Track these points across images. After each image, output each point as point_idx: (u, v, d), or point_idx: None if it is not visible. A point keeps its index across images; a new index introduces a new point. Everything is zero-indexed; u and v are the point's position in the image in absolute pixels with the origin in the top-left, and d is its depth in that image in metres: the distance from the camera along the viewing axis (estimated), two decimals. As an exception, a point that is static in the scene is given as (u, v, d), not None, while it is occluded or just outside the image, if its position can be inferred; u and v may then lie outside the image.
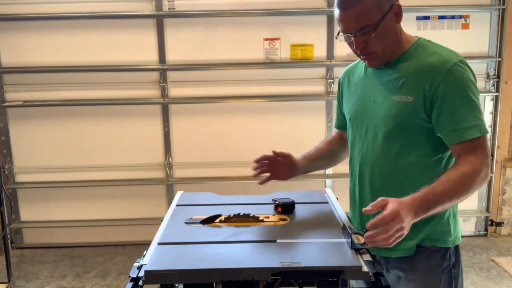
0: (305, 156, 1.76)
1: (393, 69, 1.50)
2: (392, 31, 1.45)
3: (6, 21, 3.84)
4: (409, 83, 1.44)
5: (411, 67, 1.46)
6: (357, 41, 1.44)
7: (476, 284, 3.35)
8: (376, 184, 1.54)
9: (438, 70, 1.39)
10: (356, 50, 1.48)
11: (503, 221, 4.21)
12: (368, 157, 1.55)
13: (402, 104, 1.44)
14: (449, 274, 1.54)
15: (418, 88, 1.42)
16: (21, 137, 4.01)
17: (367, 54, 1.47)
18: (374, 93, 1.53)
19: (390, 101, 1.47)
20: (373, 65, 1.51)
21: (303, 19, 3.89)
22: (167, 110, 3.98)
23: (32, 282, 3.50)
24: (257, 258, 1.29)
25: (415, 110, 1.42)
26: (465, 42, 3.92)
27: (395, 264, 1.56)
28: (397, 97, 1.45)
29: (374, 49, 1.45)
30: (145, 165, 4.06)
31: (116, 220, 4.11)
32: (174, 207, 1.74)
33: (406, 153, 1.47)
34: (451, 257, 1.54)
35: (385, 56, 1.48)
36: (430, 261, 1.51)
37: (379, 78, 1.53)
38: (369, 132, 1.54)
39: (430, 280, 1.52)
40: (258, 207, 1.70)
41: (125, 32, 3.86)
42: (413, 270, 1.53)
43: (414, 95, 1.42)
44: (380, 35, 1.42)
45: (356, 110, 1.60)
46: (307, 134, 4.00)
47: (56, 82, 3.92)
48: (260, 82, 3.96)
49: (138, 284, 1.23)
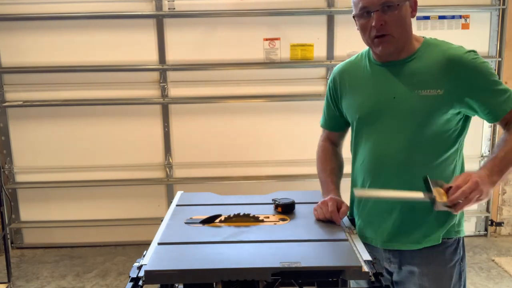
0: (336, 186, 1.70)
1: (408, 66, 1.50)
2: (409, 20, 1.50)
3: (6, 21, 3.83)
4: (435, 77, 1.46)
5: (432, 62, 1.48)
6: (377, 16, 1.44)
7: (476, 284, 3.34)
8: (403, 179, 1.51)
9: (463, 62, 1.45)
10: (371, 33, 1.47)
11: (503, 221, 4.21)
12: (389, 153, 1.52)
13: (431, 98, 1.46)
14: (459, 267, 1.57)
15: (449, 80, 1.45)
16: (21, 137, 4.01)
17: (383, 36, 1.46)
18: (392, 90, 1.51)
19: (414, 96, 1.47)
20: (387, 50, 1.49)
21: (303, 19, 3.89)
22: (167, 110, 3.98)
23: (32, 282, 3.50)
24: (257, 258, 1.29)
25: (446, 101, 1.46)
26: (465, 42, 3.82)
27: (409, 259, 1.56)
28: (423, 91, 1.47)
29: (391, 31, 1.46)
30: (145, 165, 4.06)
31: (116, 220, 4.11)
32: (174, 207, 1.74)
33: (433, 144, 1.49)
34: (460, 250, 1.57)
35: (399, 44, 1.48)
36: (444, 255, 1.52)
37: (392, 75, 1.52)
38: (390, 128, 1.52)
39: (444, 274, 1.54)
40: (258, 207, 1.70)
41: (125, 32, 3.86)
42: (427, 264, 1.54)
43: (444, 88, 1.45)
44: (400, 18, 1.45)
45: (369, 108, 1.56)
46: (307, 134, 3.98)
47: (56, 82, 3.92)
48: (260, 82, 3.96)
49: (138, 284, 1.23)
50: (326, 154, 1.78)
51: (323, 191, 1.70)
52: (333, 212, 1.53)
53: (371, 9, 1.44)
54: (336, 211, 1.53)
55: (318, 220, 1.56)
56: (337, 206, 1.55)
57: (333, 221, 1.53)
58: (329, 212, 1.53)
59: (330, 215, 1.53)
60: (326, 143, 1.80)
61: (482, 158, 4.08)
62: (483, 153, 4.08)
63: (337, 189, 1.67)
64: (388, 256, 1.60)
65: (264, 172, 4.08)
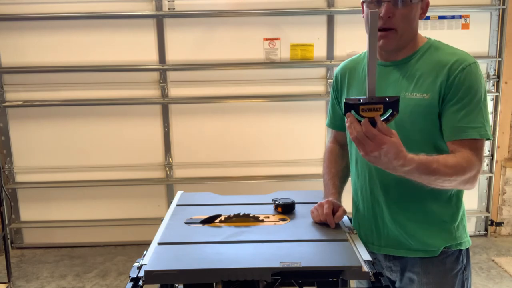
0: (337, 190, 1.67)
1: (405, 67, 1.48)
2: (416, 21, 1.47)
3: (6, 21, 3.83)
4: (425, 81, 1.43)
5: (426, 65, 1.45)
6: (387, 7, 1.41)
7: (476, 284, 3.34)
8: (389, 183, 1.50)
9: (455, 68, 1.39)
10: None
11: (503, 221, 4.21)
12: None
13: (417, 101, 1.42)
14: (462, 276, 1.54)
15: (434, 85, 1.41)
16: (21, 137, 4.01)
17: (388, 30, 1.43)
18: (385, 91, 1.49)
19: (403, 98, 1.43)
20: (388, 45, 1.46)
21: (303, 19, 3.89)
22: (167, 110, 3.98)
23: (32, 282, 3.50)
24: (257, 258, 1.29)
25: (430, 107, 1.42)
26: (465, 42, 3.91)
27: (409, 267, 1.55)
28: (411, 94, 1.43)
29: (397, 26, 1.42)
30: (145, 165, 4.06)
31: (116, 220, 4.11)
32: (174, 207, 1.74)
33: (418, 150, 1.45)
34: (463, 259, 1.54)
35: (401, 41, 1.45)
36: (445, 264, 1.50)
37: (389, 75, 1.50)
38: None
39: (445, 283, 1.52)
40: (258, 207, 1.70)
41: (125, 32, 3.86)
42: (427, 274, 1.52)
43: (430, 93, 1.41)
44: (409, 15, 1.42)
45: None
46: (307, 134, 4.00)
47: (56, 82, 3.92)
48: (260, 82, 3.96)
49: (138, 284, 1.23)
50: (332, 155, 1.75)
51: (324, 194, 1.68)
52: (327, 215, 1.50)
53: None
54: (331, 214, 1.50)
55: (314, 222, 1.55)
56: (333, 210, 1.53)
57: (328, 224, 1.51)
58: (324, 215, 1.50)
59: (325, 218, 1.50)
60: (334, 145, 1.77)
61: (482, 158, 4.07)
62: (483, 153, 4.07)
63: (337, 193, 1.64)
64: (389, 265, 1.59)
65: (264, 172, 4.08)
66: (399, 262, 1.57)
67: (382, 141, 1.20)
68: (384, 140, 1.20)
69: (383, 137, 1.20)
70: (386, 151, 1.21)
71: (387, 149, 1.20)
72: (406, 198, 1.49)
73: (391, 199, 1.51)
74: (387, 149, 1.20)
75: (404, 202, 1.50)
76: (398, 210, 1.51)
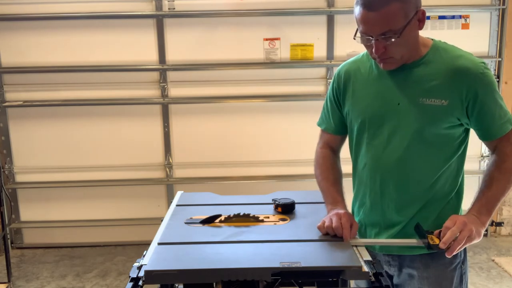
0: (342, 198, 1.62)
1: (415, 71, 1.46)
2: (414, 37, 1.43)
3: (6, 21, 3.83)
4: (441, 86, 1.42)
5: (439, 69, 1.44)
6: (377, 45, 1.38)
7: (476, 284, 3.34)
8: (402, 187, 1.51)
9: (474, 74, 1.41)
10: (373, 52, 1.42)
11: (503, 221, 4.20)
12: (390, 160, 1.50)
13: (435, 108, 1.43)
14: (460, 270, 1.56)
15: (454, 92, 1.42)
16: (21, 137, 4.01)
17: (385, 59, 1.43)
18: (396, 95, 1.47)
19: (418, 104, 1.43)
20: (389, 68, 1.46)
21: (303, 19, 3.89)
22: (167, 110, 3.98)
23: (32, 282, 3.50)
24: (257, 258, 1.29)
25: (448, 113, 1.43)
26: (465, 42, 3.85)
27: (408, 263, 1.56)
28: (428, 100, 1.43)
29: (393, 54, 1.41)
30: (145, 165, 4.06)
31: (116, 220, 4.11)
32: (174, 207, 1.74)
33: (432, 155, 1.48)
34: (461, 253, 1.56)
35: (402, 61, 1.45)
36: (444, 258, 1.50)
37: (399, 79, 1.48)
38: (393, 134, 1.49)
39: (444, 277, 1.54)
40: (258, 207, 1.70)
41: (125, 32, 3.86)
42: (427, 268, 1.53)
43: (449, 99, 1.42)
44: (402, 42, 1.38)
45: (373, 112, 1.52)
46: (307, 134, 3.98)
47: (56, 82, 3.92)
48: (260, 82, 3.96)
49: (138, 284, 1.23)
50: (327, 162, 1.68)
51: (328, 200, 1.59)
52: (346, 229, 1.40)
53: (371, 36, 1.38)
54: (349, 228, 1.41)
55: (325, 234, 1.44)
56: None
57: (340, 236, 1.41)
58: (341, 228, 1.40)
59: (340, 231, 1.40)
60: (326, 150, 1.71)
61: (482, 158, 4.08)
62: (482, 153, 4.08)
63: (343, 201, 1.59)
64: (387, 259, 1.60)
65: (264, 172, 4.08)
66: (397, 256, 1.58)
67: (460, 240, 1.36)
68: (460, 238, 1.36)
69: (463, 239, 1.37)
70: (469, 238, 1.37)
71: (471, 240, 1.38)
72: (419, 201, 1.52)
73: (404, 200, 1.52)
74: (471, 240, 1.38)
75: (418, 204, 1.52)
76: (410, 212, 1.53)
